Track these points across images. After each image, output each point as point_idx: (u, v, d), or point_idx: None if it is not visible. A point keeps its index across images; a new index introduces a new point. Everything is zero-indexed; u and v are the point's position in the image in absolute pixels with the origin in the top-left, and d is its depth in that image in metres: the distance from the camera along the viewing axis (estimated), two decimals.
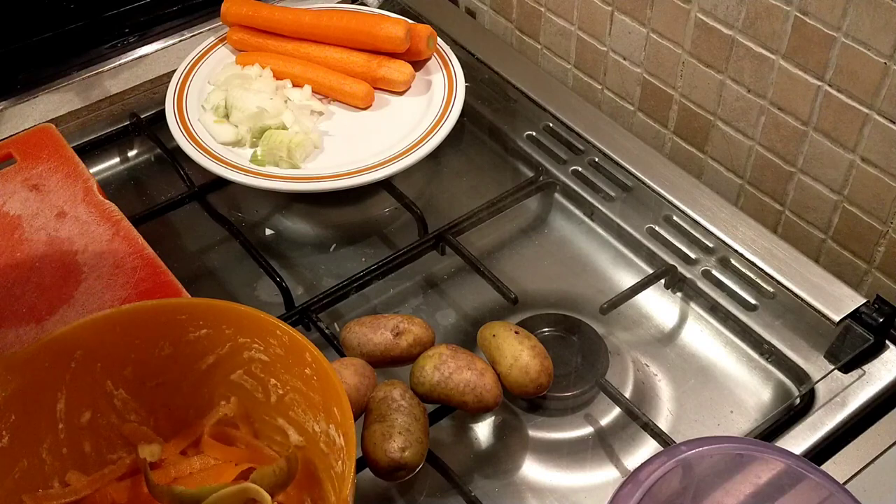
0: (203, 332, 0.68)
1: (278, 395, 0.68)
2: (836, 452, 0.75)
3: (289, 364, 0.66)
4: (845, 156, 0.87)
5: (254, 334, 0.67)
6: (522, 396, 0.78)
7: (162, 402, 0.70)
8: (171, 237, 0.96)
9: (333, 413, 0.62)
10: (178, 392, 0.70)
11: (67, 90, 1.08)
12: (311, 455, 0.67)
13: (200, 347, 0.68)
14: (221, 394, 0.70)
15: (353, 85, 1.02)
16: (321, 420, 0.65)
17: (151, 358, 0.68)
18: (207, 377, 0.69)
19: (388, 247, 0.96)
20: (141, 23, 1.14)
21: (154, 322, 0.68)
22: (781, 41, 0.87)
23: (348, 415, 0.60)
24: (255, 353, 0.68)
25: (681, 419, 0.81)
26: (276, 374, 0.68)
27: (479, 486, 0.76)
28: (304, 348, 0.64)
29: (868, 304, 0.83)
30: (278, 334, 0.65)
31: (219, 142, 0.97)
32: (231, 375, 0.69)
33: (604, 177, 0.99)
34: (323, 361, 0.63)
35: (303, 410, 0.67)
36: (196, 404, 0.70)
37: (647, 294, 0.89)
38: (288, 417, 0.68)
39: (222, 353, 0.68)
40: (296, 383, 0.67)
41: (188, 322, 0.67)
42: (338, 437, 0.62)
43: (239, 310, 0.67)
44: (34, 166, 0.92)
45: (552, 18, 1.11)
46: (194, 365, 0.69)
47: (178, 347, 0.68)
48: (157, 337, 0.67)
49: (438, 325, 0.89)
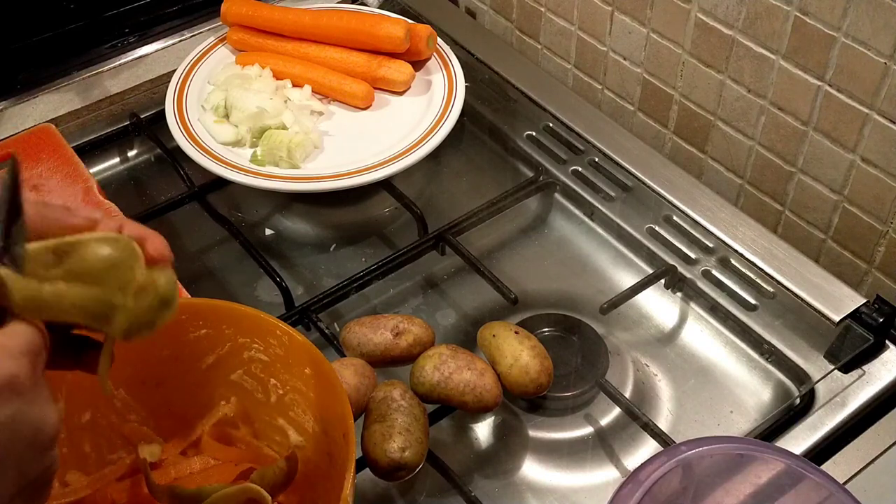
0: (203, 332, 0.68)
1: (278, 395, 0.68)
2: (836, 452, 0.75)
3: (289, 364, 0.66)
4: (845, 156, 0.87)
5: (254, 334, 0.67)
6: (522, 396, 0.78)
7: (162, 402, 0.70)
8: (171, 237, 0.95)
9: (333, 413, 0.62)
10: (179, 392, 0.70)
11: (67, 90, 1.08)
12: (311, 455, 0.67)
13: (200, 347, 0.68)
14: (221, 394, 0.70)
15: (353, 85, 1.02)
16: (321, 420, 0.65)
17: (151, 358, 0.68)
18: (207, 377, 0.69)
19: (388, 247, 0.96)
20: (141, 23, 1.14)
21: None
22: (781, 41, 0.87)
23: (348, 414, 0.60)
24: (255, 353, 0.68)
25: (681, 419, 0.81)
26: (276, 374, 0.68)
27: (479, 486, 0.76)
28: (304, 348, 0.64)
29: (868, 304, 0.83)
30: (278, 334, 0.65)
31: (219, 142, 0.97)
32: (231, 375, 0.69)
33: (604, 177, 0.99)
34: (323, 361, 0.63)
35: (302, 410, 0.67)
36: (196, 404, 0.70)
37: (647, 294, 0.89)
38: (288, 417, 0.68)
39: (222, 353, 0.68)
40: (296, 383, 0.67)
41: (188, 322, 0.67)
42: (338, 436, 0.62)
43: (239, 310, 0.67)
44: (34, 166, 0.92)
45: (552, 18, 1.11)
46: (194, 365, 0.69)
47: (179, 347, 0.68)
48: (157, 337, 0.67)
49: (438, 325, 0.89)
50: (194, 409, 0.70)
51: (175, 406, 0.70)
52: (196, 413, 0.71)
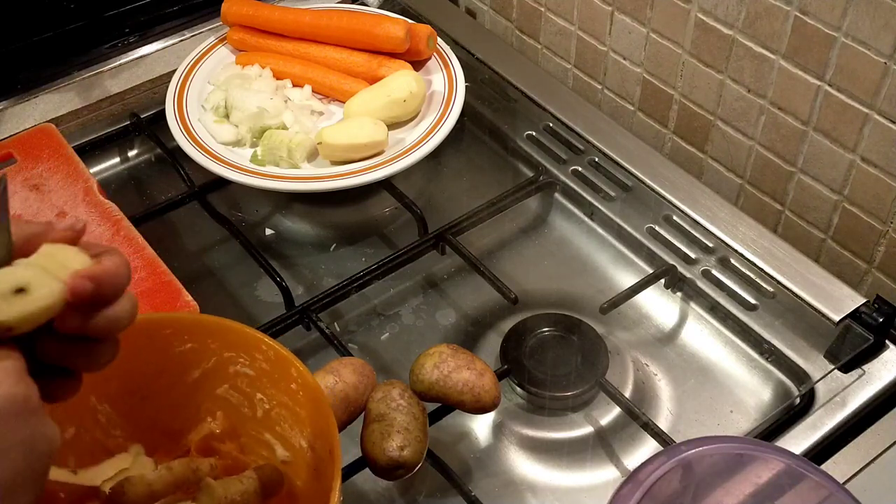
0: (188, 347, 0.66)
1: (265, 410, 0.67)
2: (836, 452, 0.75)
3: (275, 379, 0.65)
4: (845, 156, 0.87)
5: (239, 349, 0.66)
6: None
7: (147, 417, 0.68)
8: (171, 237, 0.96)
9: (319, 428, 0.62)
10: (164, 407, 0.68)
11: (68, 90, 1.08)
12: (298, 470, 0.66)
13: (186, 362, 0.67)
14: (208, 408, 0.69)
15: (353, 85, 1.02)
16: (307, 435, 0.64)
17: (136, 372, 0.66)
18: (193, 392, 0.68)
19: (388, 247, 0.96)
20: (141, 23, 1.14)
21: (139, 336, 0.66)
22: (781, 41, 0.87)
23: (333, 430, 0.59)
24: (240, 367, 0.66)
25: (681, 419, 0.81)
26: (263, 389, 0.66)
27: (479, 486, 0.76)
28: (290, 363, 0.63)
29: (868, 303, 0.83)
30: (263, 349, 0.64)
31: (219, 142, 0.97)
32: (217, 390, 0.68)
33: (604, 177, 0.99)
34: (308, 376, 0.62)
35: (289, 426, 0.66)
36: (182, 419, 0.69)
37: (647, 294, 0.89)
38: (275, 432, 0.67)
39: (208, 368, 0.67)
40: (282, 398, 0.65)
41: (173, 336, 0.66)
42: (324, 453, 0.61)
43: (224, 324, 0.66)
44: (34, 166, 0.92)
45: (552, 18, 1.11)
46: (180, 379, 0.67)
47: (164, 362, 0.66)
48: (142, 351, 0.65)
49: (438, 324, 0.89)
50: (180, 424, 0.69)
51: (161, 421, 0.68)
52: (182, 428, 0.69)
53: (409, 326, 0.89)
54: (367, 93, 0.99)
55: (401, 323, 0.89)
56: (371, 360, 0.85)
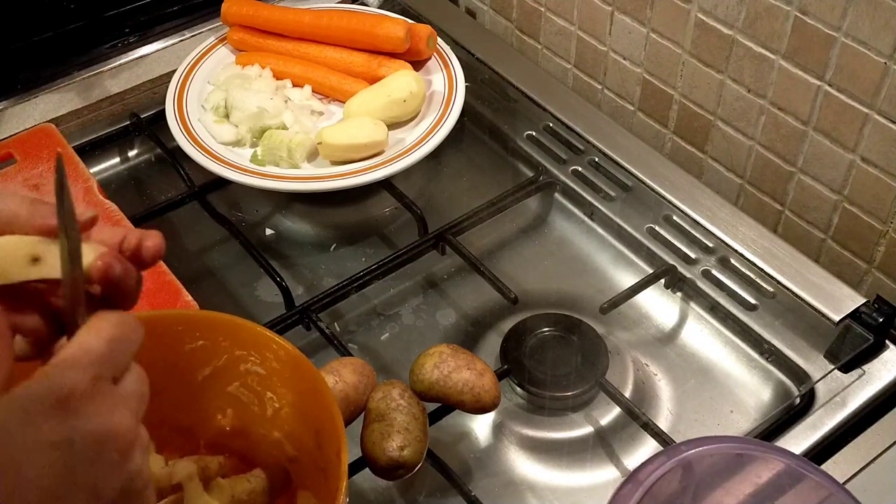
0: (199, 344, 0.66)
1: (274, 409, 0.67)
2: (836, 452, 0.75)
3: (285, 378, 0.65)
4: (845, 156, 0.87)
5: (250, 347, 0.66)
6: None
7: (157, 414, 0.68)
8: (171, 237, 0.96)
9: (328, 429, 0.62)
10: (175, 403, 0.68)
11: (68, 90, 1.08)
12: (305, 469, 0.66)
13: (197, 359, 0.67)
14: (218, 406, 0.69)
15: (353, 85, 1.02)
16: (316, 435, 0.64)
17: (147, 368, 0.66)
18: (204, 389, 0.68)
19: (388, 247, 0.96)
20: (141, 23, 1.14)
21: (150, 333, 0.66)
22: (781, 41, 0.87)
23: (341, 431, 0.59)
24: (251, 365, 0.66)
25: (681, 419, 0.81)
26: (273, 388, 0.67)
27: (479, 486, 0.76)
28: (300, 362, 0.63)
29: (868, 303, 0.83)
30: (274, 348, 0.65)
31: (219, 142, 0.97)
32: (228, 387, 0.68)
33: (604, 177, 0.99)
34: (318, 377, 0.62)
35: (299, 425, 0.66)
36: (192, 416, 0.69)
37: (647, 294, 0.89)
38: (284, 431, 0.67)
39: (219, 365, 0.67)
40: (292, 398, 0.66)
41: (184, 333, 0.66)
42: (332, 454, 0.61)
43: (236, 322, 0.66)
44: (34, 166, 0.92)
45: (552, 18, 1.11)
46: (191, 376, 0.68)
47: (175, 358, 0.67)
48: (152, 347, 0.66)
49: (438, 324, 0.89)
50: (190, 421, 0.69)
51: (171, 417, 0.69)
52: (192, 424, 0.69)
53: (409, 326, 0.89)
54: (367, 93, 0.99)
55: (401, 323, 0.89)
56: (371, 360, 0.85)
